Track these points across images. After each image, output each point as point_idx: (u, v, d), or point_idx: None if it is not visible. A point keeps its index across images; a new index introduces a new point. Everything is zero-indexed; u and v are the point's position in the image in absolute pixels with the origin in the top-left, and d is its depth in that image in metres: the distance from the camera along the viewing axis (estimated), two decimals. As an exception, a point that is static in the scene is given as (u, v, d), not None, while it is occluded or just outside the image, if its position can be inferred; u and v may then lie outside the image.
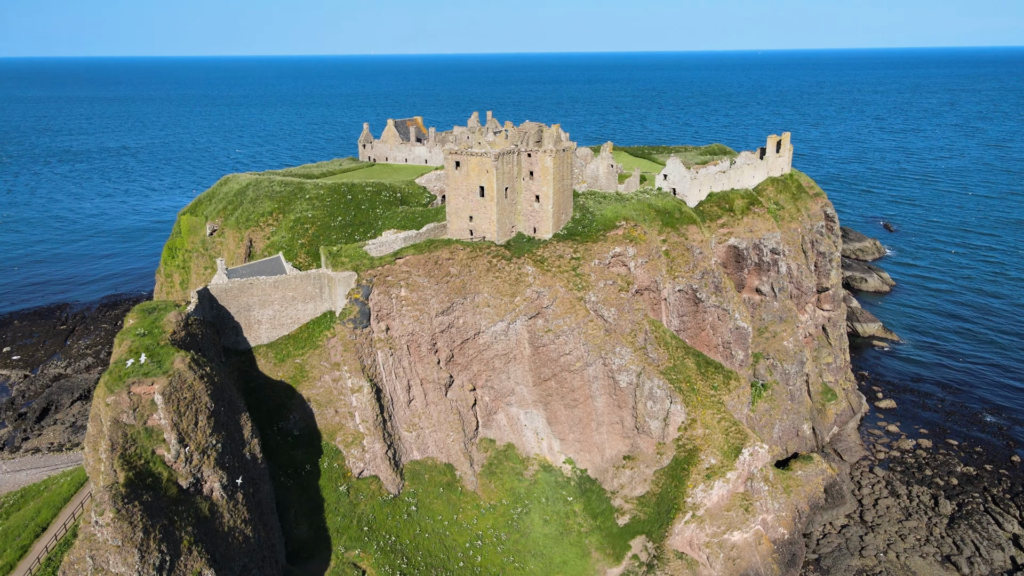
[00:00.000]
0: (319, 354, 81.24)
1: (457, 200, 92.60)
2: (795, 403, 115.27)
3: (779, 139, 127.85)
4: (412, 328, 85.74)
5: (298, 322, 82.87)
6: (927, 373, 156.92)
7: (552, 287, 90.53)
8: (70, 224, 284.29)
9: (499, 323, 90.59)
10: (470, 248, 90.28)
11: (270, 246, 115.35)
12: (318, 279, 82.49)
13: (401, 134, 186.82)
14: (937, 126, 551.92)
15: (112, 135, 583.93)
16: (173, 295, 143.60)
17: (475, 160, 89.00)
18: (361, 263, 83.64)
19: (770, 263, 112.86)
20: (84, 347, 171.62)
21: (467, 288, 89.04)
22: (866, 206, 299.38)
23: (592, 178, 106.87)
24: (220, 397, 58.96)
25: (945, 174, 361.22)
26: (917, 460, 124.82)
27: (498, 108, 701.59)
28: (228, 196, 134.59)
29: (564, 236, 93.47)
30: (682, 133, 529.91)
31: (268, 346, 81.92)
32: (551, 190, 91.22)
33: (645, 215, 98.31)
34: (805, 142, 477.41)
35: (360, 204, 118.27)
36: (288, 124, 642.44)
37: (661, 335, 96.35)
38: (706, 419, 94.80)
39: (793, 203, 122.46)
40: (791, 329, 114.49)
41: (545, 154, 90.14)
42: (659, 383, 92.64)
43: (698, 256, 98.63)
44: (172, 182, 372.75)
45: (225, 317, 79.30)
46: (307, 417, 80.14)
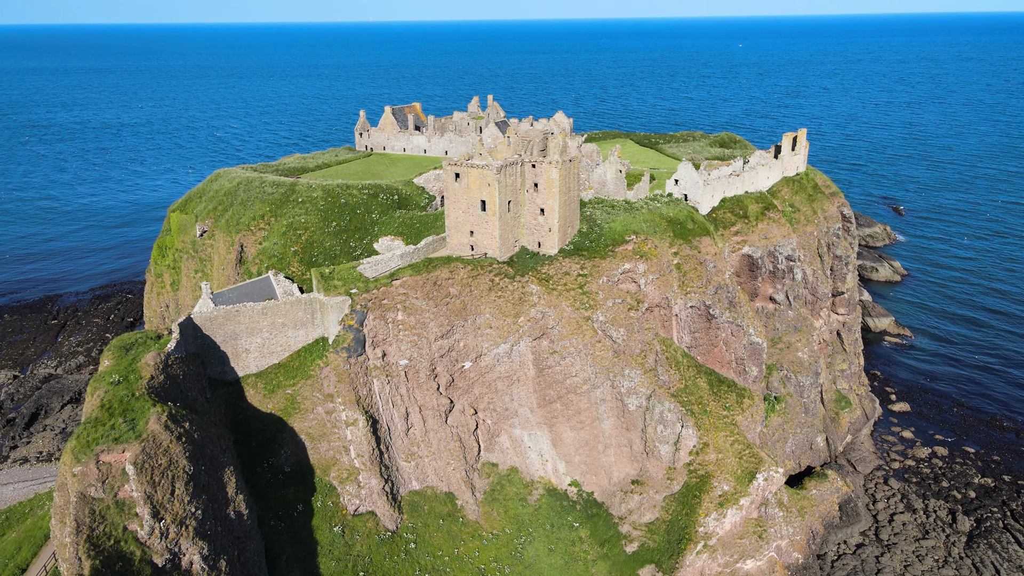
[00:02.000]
0: (311, 384, 76.57)
1: (457, 214, 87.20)
2: (809, 416, 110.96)
3: (795, 136, 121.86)
4: (410, 354, 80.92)
5: (289, 349, 78.07)
6: (940, 371, 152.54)
7: (558, 307, 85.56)
8: (57, 209, 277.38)
9: (502, 345, 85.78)
10: (471, 266, 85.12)
11: (261, 252, 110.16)
12: (309, 304, 77.50)
13: (399, 122, 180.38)
14: (942, 102, 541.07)
15: (96, 110, 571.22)
16: (163, 296, 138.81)
17: (476, 173, 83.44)
18: (355, 286, 78.53)
19: (785, 270, 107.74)
20: (75, 344, 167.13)
21: (468, 309, 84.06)
22: (873, 186, 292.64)
23: (599, 183, 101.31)
24: (201, 455, 54.36)
25: (952, 153, 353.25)
26: (933, 470, 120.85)
27: (496, 81, 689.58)
28: (219, 195, 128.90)
29: (570, 252, 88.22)
30: (684, 108, 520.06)
31: (257, 376, 77.21)
32: (557, 204, 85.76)
33: (656, 226, 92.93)
34: (810, 118, 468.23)
35: (355, 208, 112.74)
36: (282, 99, 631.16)
37: (672, 354, 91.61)
38: (719, 442, 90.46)
39: (809, 204, 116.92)
40: (806, 339, 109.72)
41: (551, 166, 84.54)
42: (670, 406, 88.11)
43: (711, 271, 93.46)
44: (163, 163, 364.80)
45: (210, 347, 74.47)
46: (299, 451, 75.73)
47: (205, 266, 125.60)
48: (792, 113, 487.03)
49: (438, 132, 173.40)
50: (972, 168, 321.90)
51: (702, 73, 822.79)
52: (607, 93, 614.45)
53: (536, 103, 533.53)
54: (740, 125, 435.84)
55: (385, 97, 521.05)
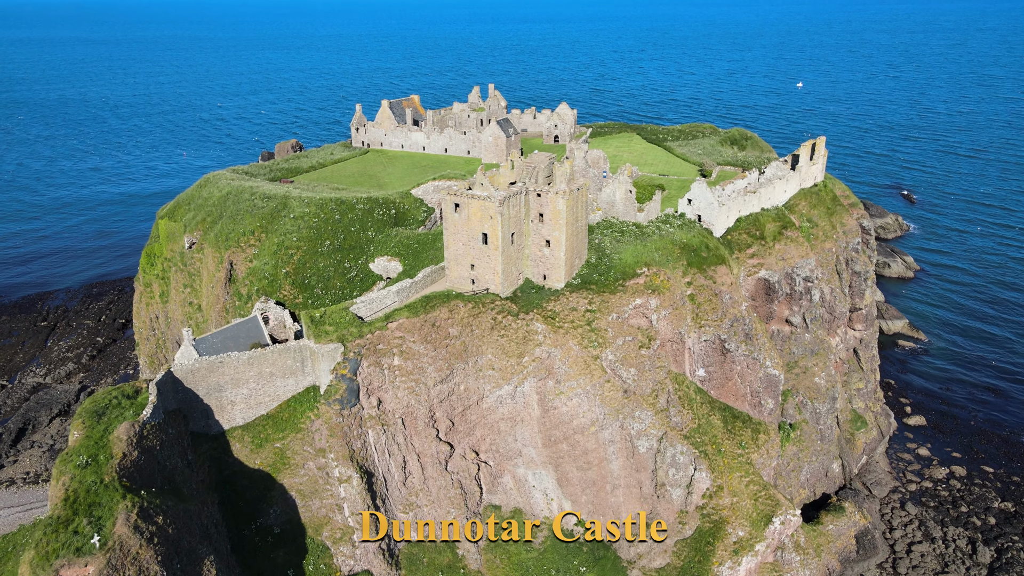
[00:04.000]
0: (302, 438, 71.67)
1: (456, 246, 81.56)
2: (825, 443, 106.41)
3: (813, 143, 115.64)
4: (407, 401, 75.92)
5: (277, 399, 73.02)
6: (956, 379, 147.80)
7: (564, 346, 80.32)
8: (44, 198, 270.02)
9: (505, 387, 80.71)
10: (472, 304, 79.69)
11: (252, 273, 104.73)
12: (299, 352, 72.26)
13: (397, 116, 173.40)
14: (950, 75, 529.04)
15: (83, 86, 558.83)
16: (152, 307, 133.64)
17: (477, 204, 77.63)
18: (348, 332, 73.19)
19: (802, 292, 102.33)
20: (65, 349, 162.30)
21: (469, 350, 78.83)
22: (879, 170, 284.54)
23: (608, 203, 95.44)
24: (176, 552, 49.58)
25: (961, 134, 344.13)
26: (951, 493, 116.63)
27: (491, 52, 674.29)
28: (207, 205, 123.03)
29: (578, 286, 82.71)
30: (685, 84, 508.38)
31: (244, 428, 72.27)
32: (564, 236, 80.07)
33: (669, 255, 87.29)
34: (814, 94, 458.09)
35: (350, 225, 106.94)
36: (276, 73, 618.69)
37: (685, 392, 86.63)
38: (733, 484, 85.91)
39: (828, 219, 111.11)
40: (823, 363, 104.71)
41: (557, 196, 78.69)
42: (682, 449, 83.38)
43: (727, 302, 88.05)
44: (154, 143, 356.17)
45: (193, 400, 69.43)
46: (290, 509, 71.09)
47: (194, 281, 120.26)
48: (797, 92, 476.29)
49: (437, 128, 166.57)
50: (980, 151, 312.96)
51: (705, 44, 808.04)
52: (607, 69, 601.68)
53: (537, 84, 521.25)
54: (745, 104, 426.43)
55: (381, 85, 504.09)
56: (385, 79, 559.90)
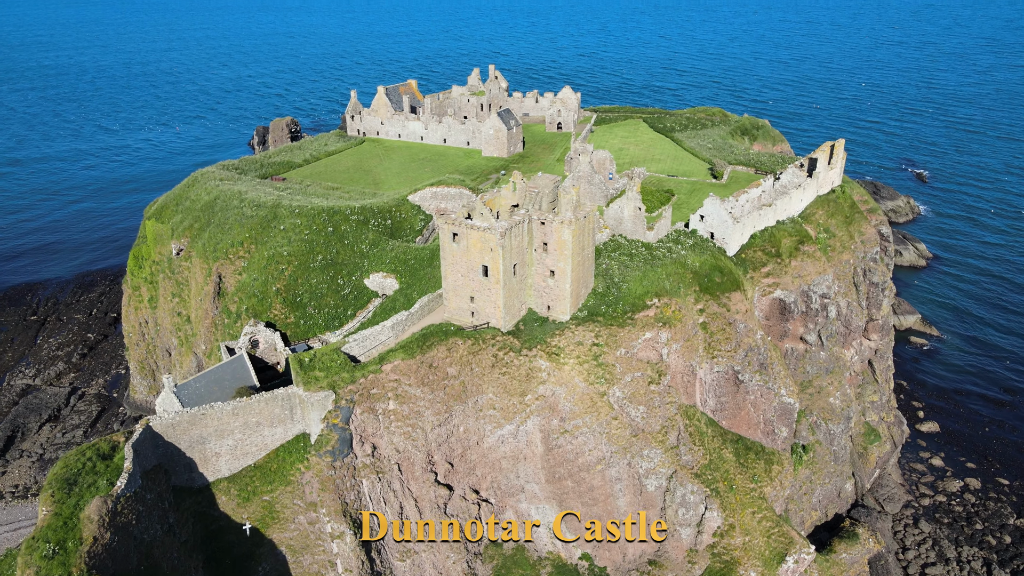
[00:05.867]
0: (292, 491, 67.62)
1: (455, 277, 76.51)
2: (838, 463, 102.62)
3: (832, 145, 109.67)
4: (403, 446, 71.72)
5: (265, 449, 68.79)
6: (970, 379, 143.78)
7: (570, 383, 75.81)
8: (28, 176, 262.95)
9: (507, 426, 76.45)
10: (471, 341, 74.89)
11: (241, 289, 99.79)
12: (287, 400, 67.78)
13: (393, 103, 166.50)
14: (958, 42, 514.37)
15: (72, 53, 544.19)
16: (141, 311, 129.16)
17: (477, 235, 72.38)
18: (339, 378, 68.55)
19: (818, 308, 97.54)
20: (55, 347, 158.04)
21: (468, 390, 74.35)
22: (889, 149, 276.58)
23: (616, 220, 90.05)
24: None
25: (971, 108, 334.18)
26: (965, 508, 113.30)
27: (492, 14, 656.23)
28: (195, 209, 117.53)
29: (584, 318, 77.80)
30: (687, 52, 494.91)
31: (230, 480, 68.16)
32: (569, 266, 74.96)
33: (680, 280, 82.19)
34: (819, 61, 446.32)
35: (343, 238, 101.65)
36: (270, 38, 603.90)
37: (696, 426, 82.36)
38: (745, 522, 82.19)
39: (846, 228, 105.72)
40: (838, 382, 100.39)
41: (562, 225, 73.38)
42: (692, 488, 79.45)
43: (741, 331, 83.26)
44: (146, 119, 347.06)
45: (174, 453, 65.20)
46: (280, 565, 67.37)
47: (183, 290, 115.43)
48: (801, 55, 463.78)
49: (435, 116, 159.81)
50: (991, 127, 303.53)
51: (707, 5, 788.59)
52: (608, 36, 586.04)
53: (538, 59, 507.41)
54: (748, 71, 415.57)
55: (377, 66, 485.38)
56: (382, 46, 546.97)
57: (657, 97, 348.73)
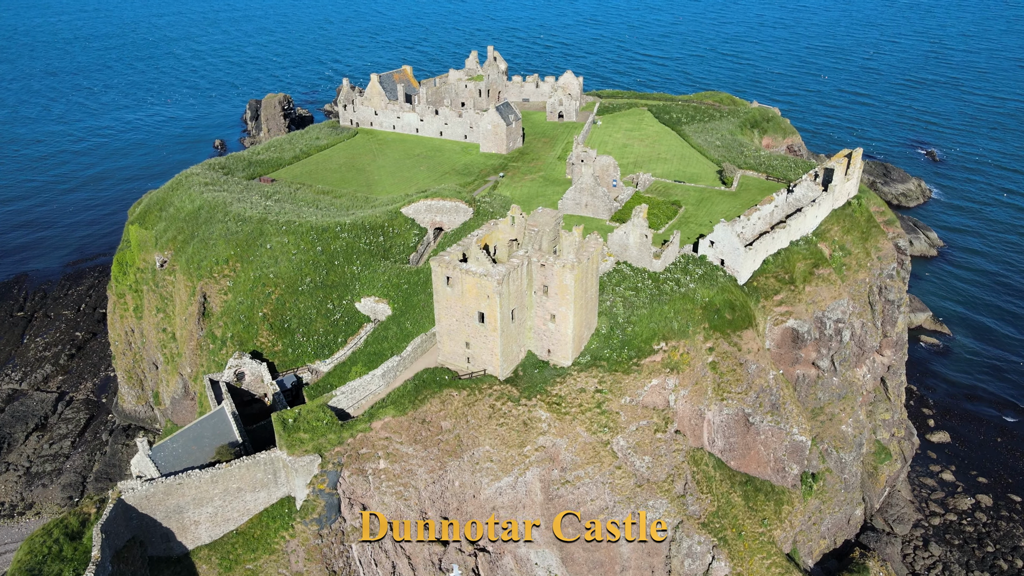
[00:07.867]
0: (276, 560, 63.91)
1: (449, 321, 71.71)
2: (848, 491, 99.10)
3: (849, 154, 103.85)
4: (395, 506, 67.82)
5: (248, 514, 64.88)
6: (982, 384, 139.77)
7: (571, 433, 71.63)
8: (14, 152, 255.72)
9: (505, 479, 72.48)
10: (467, 391, 70.45)
11: (226, 313, 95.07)
12: (270, 464, 63.63)
13: (387, 91, 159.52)
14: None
15: (56, 15, 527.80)
16: (127, 320, 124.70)
17: (472, 280, 67.41)
18: (326, 440, 64.24)
19: (832, 334, 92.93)
20: (42, 347, 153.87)
21: (464, 444, 70.18)
22: (896, 125, 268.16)
23: (621, 247, 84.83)
24: None
25: (977, 77, 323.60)
26: (976, 529, 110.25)
27: None
28: (179, 218, 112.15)
29: (587, 364, 73.19)
30: (687, 21, 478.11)
31: (210, 547, 64.39)
32: (571, 311, 70.13)
33: (689, 318, 77.32)
34: (823, 26, 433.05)
35: (334, 258, 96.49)
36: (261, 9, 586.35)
37: (703, 471, 78.36)
38: (754, 569, 78.83)
39: (862, 244, 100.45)
40: (850, 408, 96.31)
41: (564, 269, 68.32)
42: (699, 539, 75.87)
43: (753, 372, 78.75)
44: (135, 93, 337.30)
45: (150, 524, 61.28)
46: (266, 636, 64.01)
47: (167, 305, 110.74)
48: (806, 28, 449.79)
49: (432, 106, 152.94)
50: (998, 101, 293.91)
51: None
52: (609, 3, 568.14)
53: (534, 22, 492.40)
54: (747, 38, 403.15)
55: (371, 36, 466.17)
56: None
57: (659, 70, 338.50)
